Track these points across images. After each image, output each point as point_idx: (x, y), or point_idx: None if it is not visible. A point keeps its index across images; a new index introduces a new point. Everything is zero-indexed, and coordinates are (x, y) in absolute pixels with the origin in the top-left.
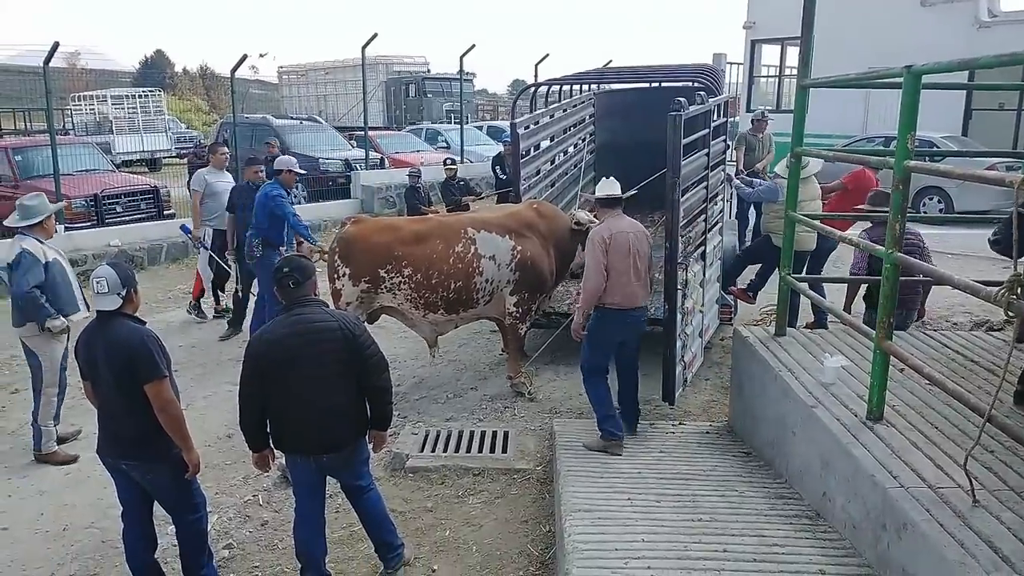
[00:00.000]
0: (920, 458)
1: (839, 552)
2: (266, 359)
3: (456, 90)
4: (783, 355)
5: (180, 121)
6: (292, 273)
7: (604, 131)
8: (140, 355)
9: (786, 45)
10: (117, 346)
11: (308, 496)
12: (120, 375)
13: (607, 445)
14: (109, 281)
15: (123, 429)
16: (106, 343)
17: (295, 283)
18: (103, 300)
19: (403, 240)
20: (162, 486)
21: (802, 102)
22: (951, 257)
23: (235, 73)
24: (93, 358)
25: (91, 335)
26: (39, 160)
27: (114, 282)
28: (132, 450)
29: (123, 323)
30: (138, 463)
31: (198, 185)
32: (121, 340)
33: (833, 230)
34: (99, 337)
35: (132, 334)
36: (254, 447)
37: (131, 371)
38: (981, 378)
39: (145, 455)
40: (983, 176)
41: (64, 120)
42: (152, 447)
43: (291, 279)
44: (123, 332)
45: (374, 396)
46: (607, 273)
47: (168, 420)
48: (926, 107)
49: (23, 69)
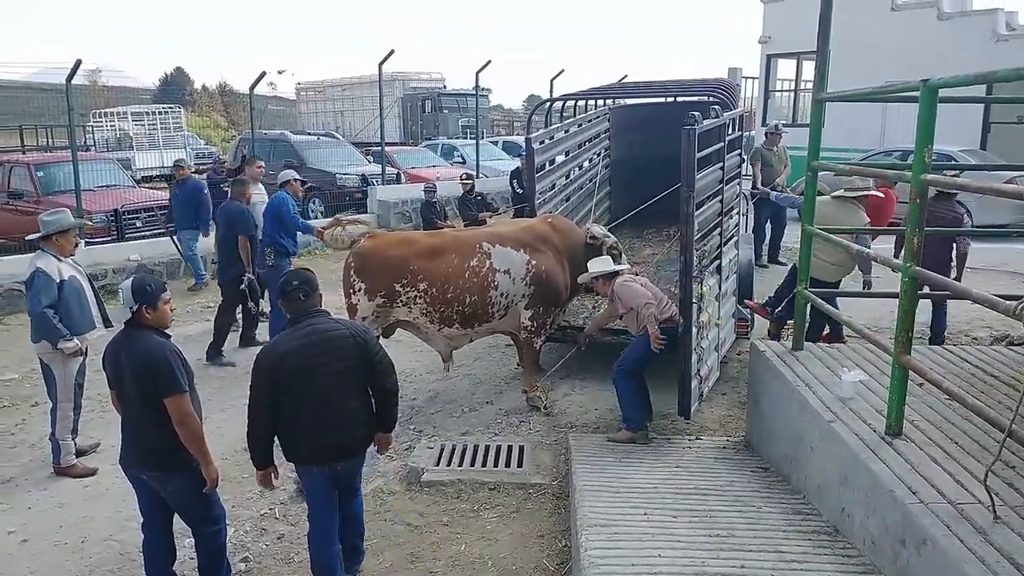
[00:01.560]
0: (940, 473)
1: (858, 568)
2: (280, 370)
3: (472, 105)
4: (800, 369)
5: (199, 137)
6: (301, 286)
7: (619, 146)
8: (161, 369)
9: (802, 59)
10: (140, 359)
11: (324, 507)
12: (143, 387)
13: (635, 436)
14: (124, 295)
15: (145, 441)
16: (130, 355)
17: (305, 295)
18: (119, 313)
19: (418, 254)
20: (182, 498)
21: (818, 116)
22: (970, 271)
23: (254, 90)
24: (119, 370)
25: (117, 346)
26: (61, 176)
27: (127, 296)
28: (153, 461)
29: (147, 336)
30: (159, 475)
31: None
32: (144, 353)
33: (850, 244)
34: (124, 349)
35: (155, 348)
36: (261, 463)
37: (153, 384)
38: (1001, 392)
39: (166, 467)
40: (1002, 190)
41: (85, 136)
42: (172, 459)
43: (301, 291)
44: (146, 345)
45: (383, 399)
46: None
47: (187, 434)
48: (944, 121)
49: (46, 86)
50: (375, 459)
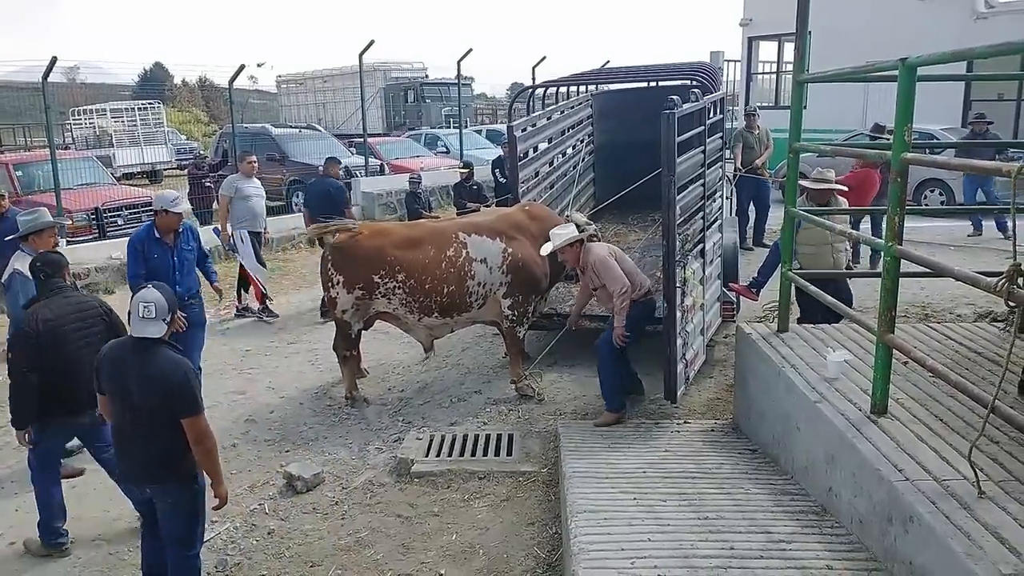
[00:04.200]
0: (925, 451)
1: (846, 547)
2: (49, 334)
3: (454, 94)
4: (786, 351)
5: (180, 133)
6: (43, 267)
7: (602, 132)
8: (184, 390)
9: (783, 41)
10: (158, 377)
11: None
12: (157, 404)
13: (619, 417)
14: (158, 306)
15: (152, 453)
16: (144, 371)
17: (46, 275)
18: (149, 326)
19: (396, 245)
20: (177, 514)
21: (799, 97)
22: (953, 249)
23: (233, 83)
24: (123, 380)
25: (123, 356)
26: (40, 175)
27: (162, 307)
28: (158, 474)
29: (164, 352)
30: (162, 488)
31: (228, 190)
32: (163, 372)
33: (832, 224)
34: (135, 362)
35: (175, 367)
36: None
37: (171, 403)
38: (985, 369)
39: (171, 480)
40: (982, 167)
41: (64, 134)
42: (177, 472)
43: (42, 272)
44: (165, 363)
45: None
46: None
47: (203, 452)
48: (925, 99)
49: (22, 85)
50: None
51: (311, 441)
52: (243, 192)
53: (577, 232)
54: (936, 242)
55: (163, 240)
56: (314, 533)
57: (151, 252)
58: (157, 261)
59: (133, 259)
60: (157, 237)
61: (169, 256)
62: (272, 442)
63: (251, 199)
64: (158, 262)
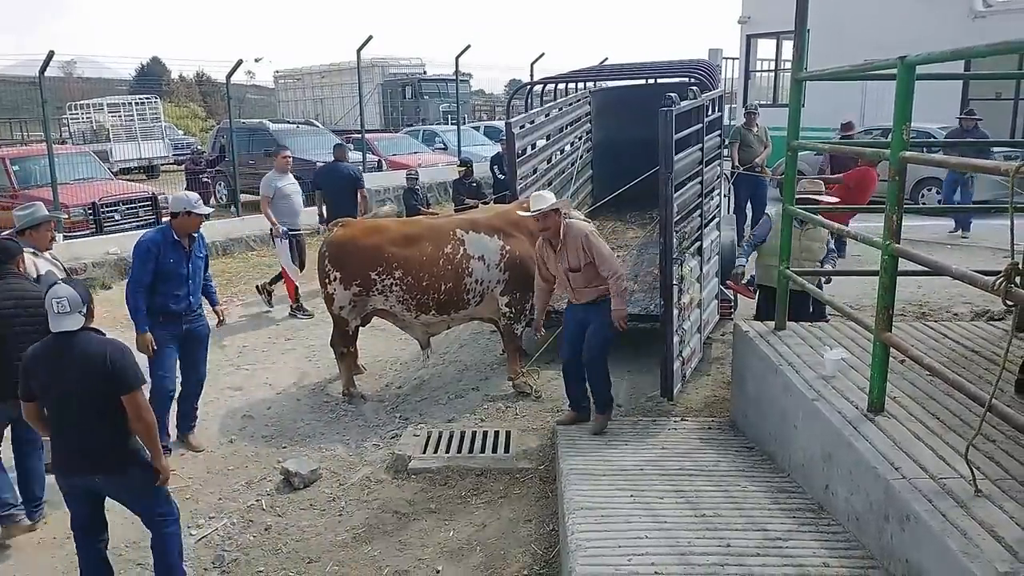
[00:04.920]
0: (922, 449)
1: (842, 545)
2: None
3: (452, 91)
4: (783, 349)
5: (177, 128)
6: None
7: (600, 129)
8: (122, 367)
9: (781, 39)
10: (94, 359)
11: None
12: (96, 388)
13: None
14: (70, 300)
15: (93, 442)
16: (80, 358)
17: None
18: (66, 320)
19: (393, 242)
20: (139, 494)
21: (797, 96)
22: (951, 247)
23: (231, 79)
24: (57, 377)
25: (50, 354)
26: (36, 169)
27: (75, 301)
28: (105, 461)
29: (91, 337)
30: (111, 475)
31: (268, 191)
32: (98, 353)
33: (831, 223)
34: (66, 354)
35: (108, 346)
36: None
37: (110, 383)
38: (982, 368)
39: (119, 463)
40: (980, 165)
41: (61, 129)
42: (124, 454)
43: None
44: (97, 345)
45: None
46: None
47: (144, 428)
48: (923, 98)
49: (19, 79)
50: None
51: (308, 437)
52: (283, 191)
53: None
54: (934, 240)
55: (180, 244)
56: (311, 529)
57: (166, 256)
58: (172, 266)
59: (142, 262)
60: (174, 240)
61: (184, 262)
62: (269, 438)
63: (290, 197)
64: (173, 267)
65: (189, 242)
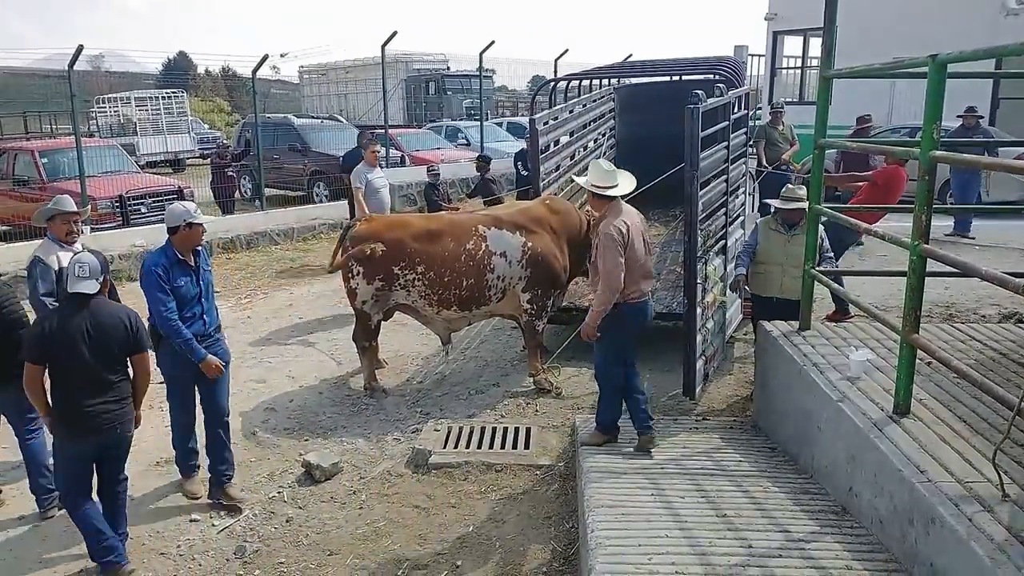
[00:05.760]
0: (948, 452)
1: (865, 548)
2: None
3: (476, 87)
4: (808, 349)
5: (203, 122)
6: None
7: (625, 125)
8: (138, 328)
9: (808, 36)
10: (112, 321)
11: None
12: (112, 348)
13: (607, 439)
14: (91, 266)
15: (109, 397)
16: (97, 321)
17: None
18: (85, 284)
19: (415, 237)
20: (127, 442)
21: (825, 93)
22: (979, 248)
23: (256, 73)
24: (73, 341)
25: (67, 316)
26: (65, 162)
27: (95, 268)
28: (120, 413)
29: (107, 302)
30: (124, 424)
31: (359, 181)
32: (116, 316)
33: (857, 222)
34: (84, 318)
35: (124, 310)
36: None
37: (127, 343)
38: (1010, 371)
39: (128, 415)
40: (1011, 165)
41: (89, 122)
42: (131, 406)
43: None
44: (115, 310)
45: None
46: (625, 268)
47: (145, 386)
48: (953, 97)
49: (49, 73)
50: None
51: (330, 431)
52: (373, 185)
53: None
54: (963, 241)
55: (185, 262)
56: (332, 522)
57: (176, 279)
58: (183, 290)
59: (160, 289)
60: (179, 259)
61: (194, 281)
62: (291, 431)
63: (380, 192)
64: (184, 291)
65: (194, 258)
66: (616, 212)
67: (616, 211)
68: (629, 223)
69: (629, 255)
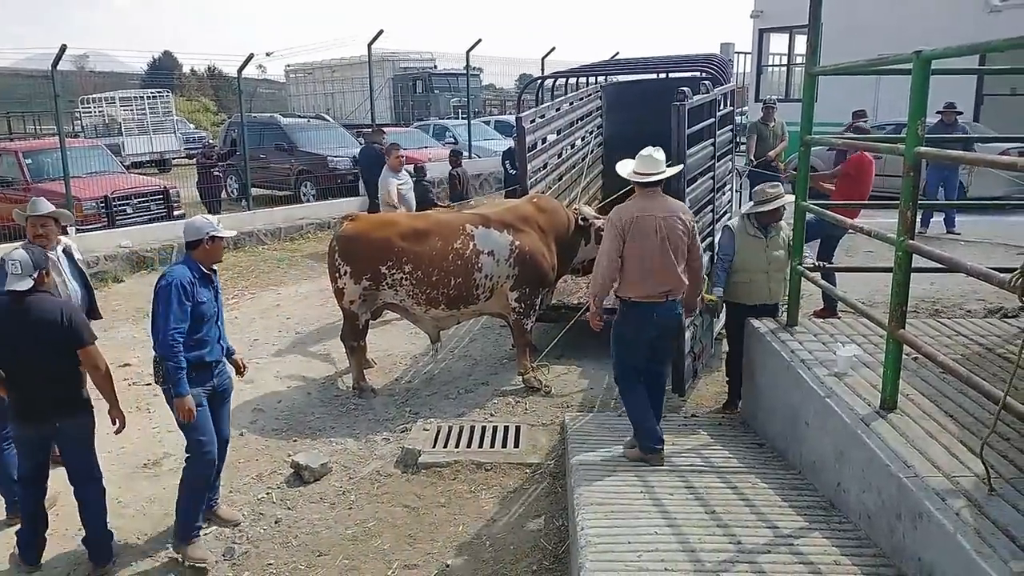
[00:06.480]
0: (935, 447)
1: (854, 543)
2: None
3: (463, 85)
4: (795, 345)
5: (189, 122)
6: None
7: (612, 123)
8: (78, 323)
9: (794, 33)
10: (50, 316)
11: None
12: (55, 343)
13: (648, 458)
14: (23, 264)
15: (52, 389)
16: (35, 317)
17: None
18: (19, 282)
19: (403, 236)
20: (81, 444)
21: (810, 90)
22: (964, 244)
23: (242, 73)
24: (12, 332)
25: (7, 312)
26: (49, 163)
27: (27, 265)
28: (67, 407)
29: (44, 298)
30: (72, 419)
31: (387, 187)
32: (54, 311)
33: (843, 218)
34: (22, 314)
35: (63, 306)
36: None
37: (67, 338)
38: (996, 365)
39: (78, 410)
40: (994, 161)
41: (73, 122)
42: (79, 401)
43: None
44: (52, 305)
45: None
46: (622, 260)
47: (101, 378)
48: (937, 93)
49: (32, 73)
50: None
51: (318, 431)
52: (400, 191)
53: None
54: (949, 237)
55: (208, 278)
56: (321, 523)
57: (199, 296)
58: (205, 307)
59: (179, 303)
60: (203, 273)
61: (215, 298)
62: (280, 431)
63: (405, 196)
64: (206, 308)
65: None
66: (636, 202)
67: (639, 199)
68: (641, 215)
69: (630, 248)
